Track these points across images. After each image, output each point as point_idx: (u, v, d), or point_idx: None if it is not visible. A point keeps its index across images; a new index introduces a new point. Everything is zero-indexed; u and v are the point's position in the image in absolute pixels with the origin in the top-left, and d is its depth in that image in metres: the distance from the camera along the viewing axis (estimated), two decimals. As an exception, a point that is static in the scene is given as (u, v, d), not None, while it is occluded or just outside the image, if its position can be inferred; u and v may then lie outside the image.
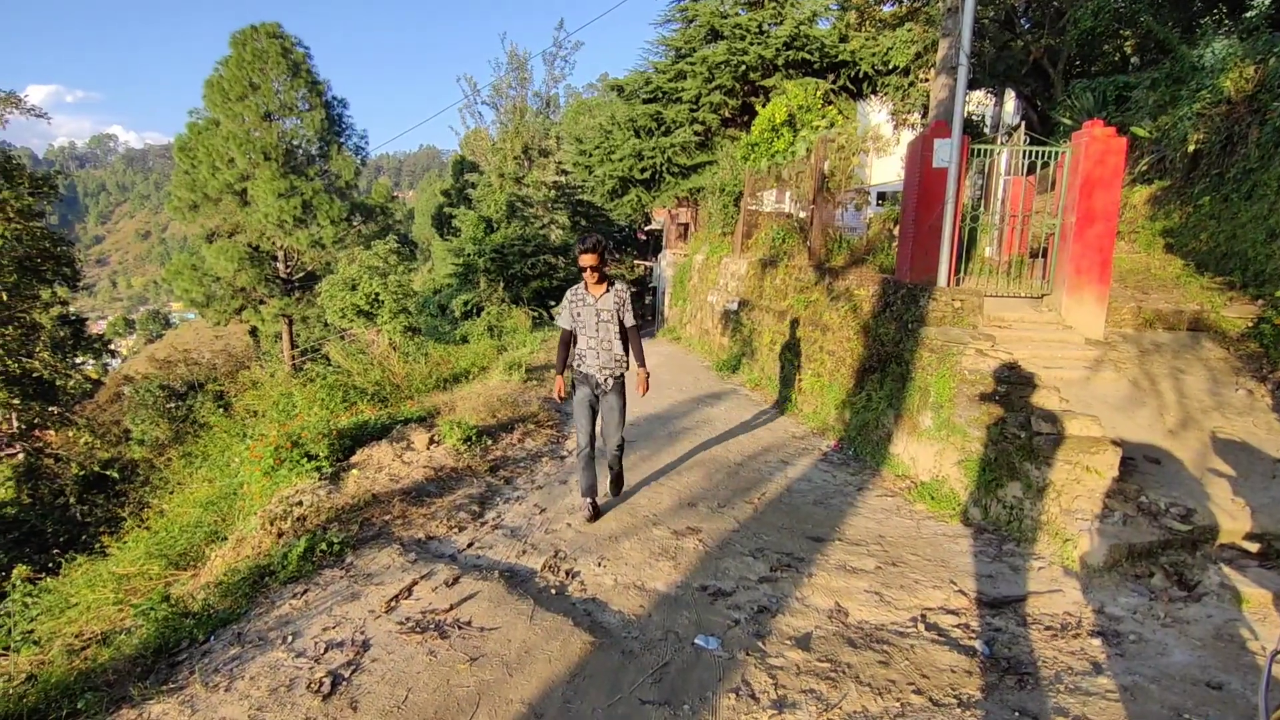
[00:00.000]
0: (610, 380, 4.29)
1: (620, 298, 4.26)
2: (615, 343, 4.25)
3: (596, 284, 4.25)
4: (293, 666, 2.83)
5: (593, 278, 4.21)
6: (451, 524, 4.39)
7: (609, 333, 4.23)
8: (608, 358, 4.25)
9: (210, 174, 28.46)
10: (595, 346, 4.25)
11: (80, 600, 5.42)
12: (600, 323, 4.23)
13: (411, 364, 10.51)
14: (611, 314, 4.22)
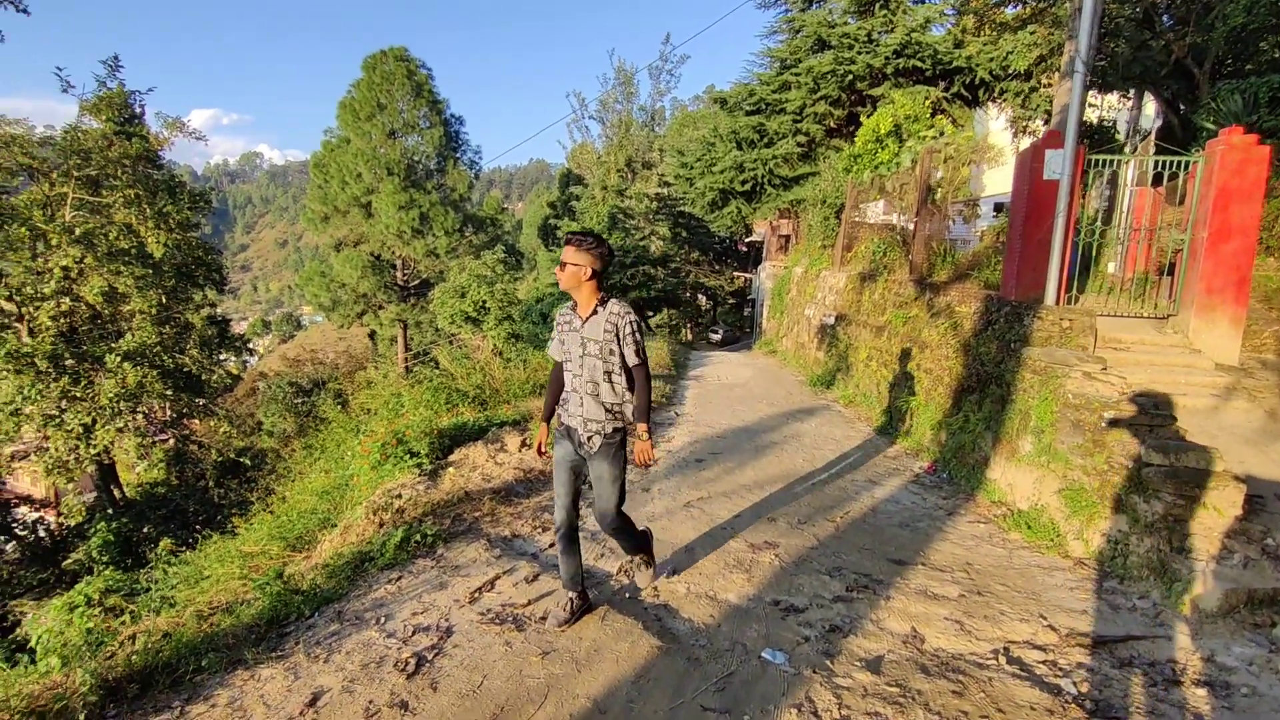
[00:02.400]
0: (598, 440, 3.07)
1: (616, 323, 3.00)
2: (604, 387, 3.04)
3: (586, 300, 3.04)
4: (383, 645, 3.07)
5: (582, 290, 3.02)
6: (536, 524, 4.58)
7: (595, 372, 3.03)
8: (593, 407, 3.05)
9: (340, 188, 30.83)
10: (578, 389, 3.08)
11: (211, 573, 6.02)
12: (585, 356, 3.04)
13: (511, 369, 10.95)
14: (601, 346, 3.01)
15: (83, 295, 11.49)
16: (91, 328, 12.75)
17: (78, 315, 12.19)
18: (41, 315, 11.07)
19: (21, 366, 9.94)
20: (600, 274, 3.03)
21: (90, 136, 13.11)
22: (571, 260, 2.96)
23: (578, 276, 2.98)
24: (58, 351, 10.65)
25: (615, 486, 3.17)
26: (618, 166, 35.49)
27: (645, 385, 3.11)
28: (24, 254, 11.55)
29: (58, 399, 10.07)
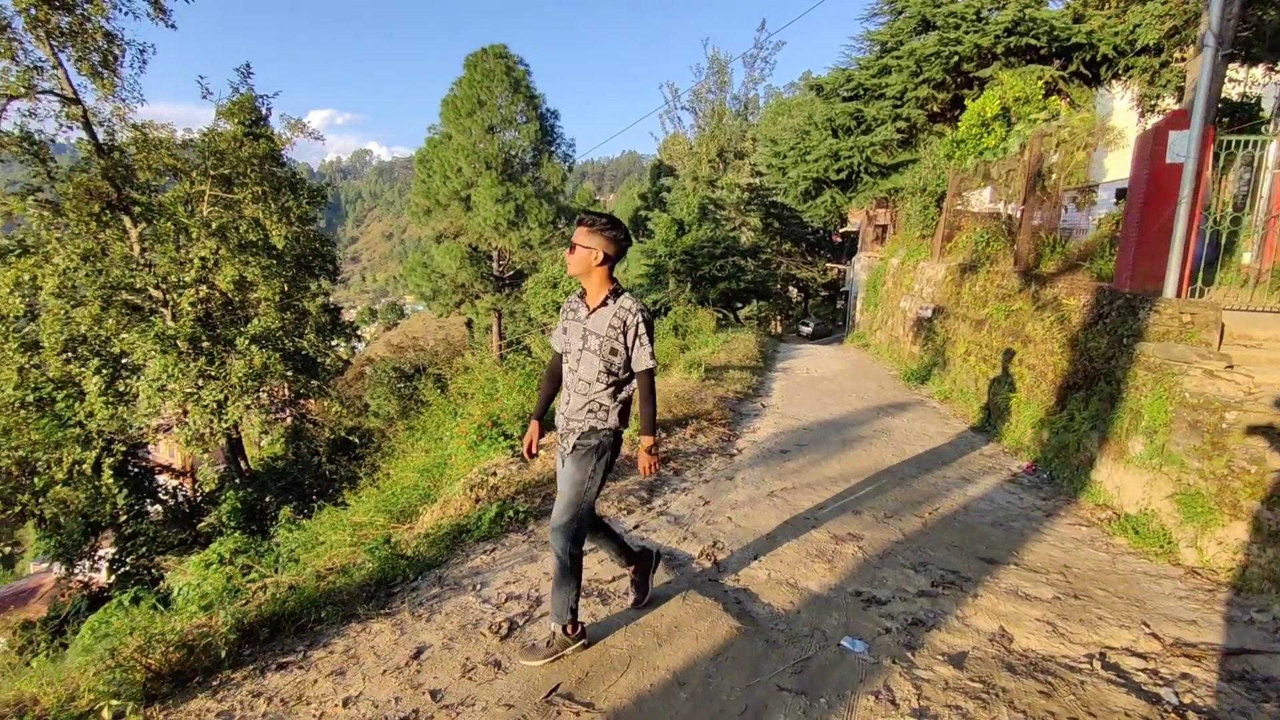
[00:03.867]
0: (572, 439, 2.81)
1: (624, 319, 2.70)
2: (596, 387, 2.73)
3: (596, 289, 2.77)
4: (479, 609, 3.29)
5: (592, 277, 2.74)
6: (621, 506, 4.73)
7: (591, 369, 2.73)
8: (579, 404, 2.77)
9: (441, 183, 32.22)
10: (570, 384, 2.81)
11: (326, 539, 6.55)
12: (584, 350, 2.75)
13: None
14: (602, 342, 2.71)
15: (217, 283, 12.66)
16: (224, 313, 14.02)
17: (212, 302, 13.44)
18: (183, 301, 12.29)
19: (166, 347, 11.10)
20: (613, 260, 2.75)
21: (224, 138, 14.35)
22: (582, 243, 2.69)
23: (587, 261, 2.70)
24: (196, 334, 11.80)
25: (574, 493, 2.79)
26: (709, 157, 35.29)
27: (651, 393, 2.81)
28: (169, 246, 12.83)
29: (195, 378, 11.18)
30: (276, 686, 2.76)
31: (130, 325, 11.59)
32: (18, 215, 12.02)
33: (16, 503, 11.45)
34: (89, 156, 12.35)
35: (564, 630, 2.87)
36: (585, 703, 2.54)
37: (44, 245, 11.53)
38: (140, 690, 2.71)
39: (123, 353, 11.66)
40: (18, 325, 11.40)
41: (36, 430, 11.68)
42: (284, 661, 2.93)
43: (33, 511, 12.05)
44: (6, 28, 10.81)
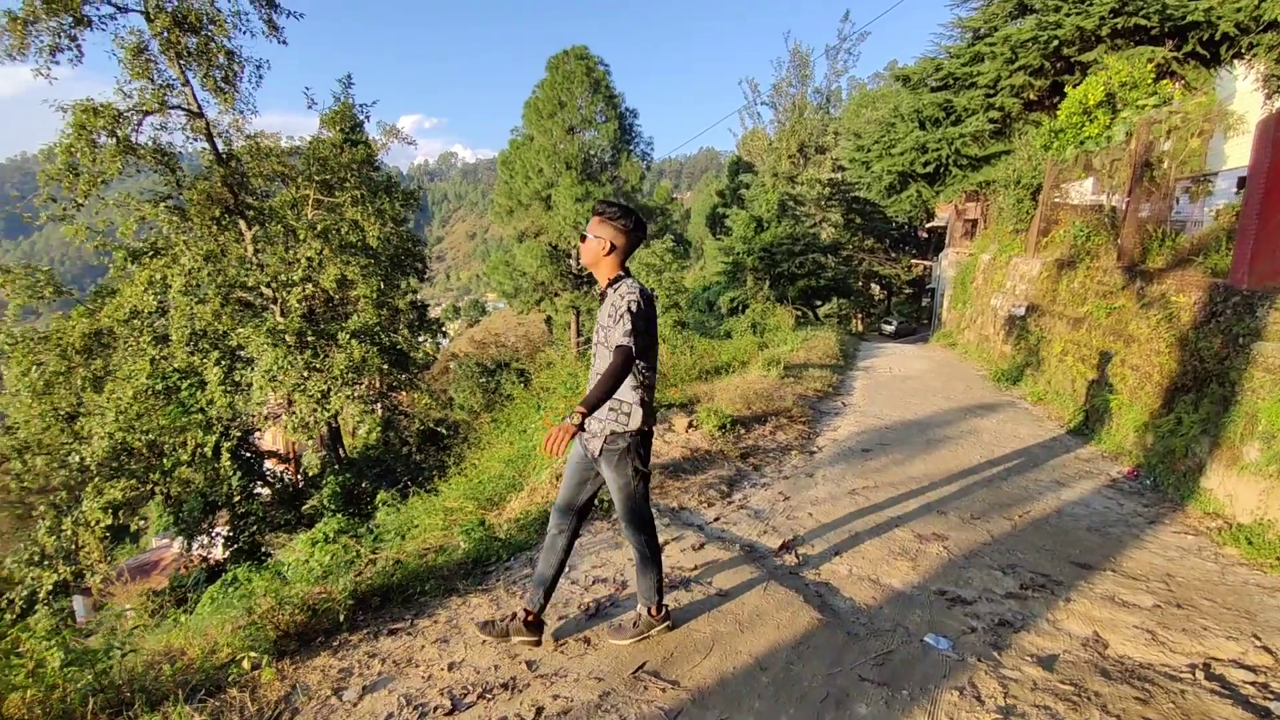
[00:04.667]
0: (597, 443, 2.70)
1: (617, 305, 2.57)
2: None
3: (603, 279, 2.71)
4: (568, 589, 3.47)
5: (600, 267, 2.68)
6: (702, 499, 4.83)
7: (601, 363, 2.69)
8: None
9: (523, 183, 33.09)
10: (592, 377, 2.74)
11: (420, 522, 6.94)
12: (598, 345, 2.73)
13: (677, 355, 11.32)
14: (607, 332, 2.63)
15: (321, 282, 13.54)
16: (326, 310, 14.97)
17: (316, 299, 14.37)
18: (291, 299, 13.22)
19: (276, 341, 11.98)
20: (624, 250, 2.66)
21: (325, 145, 15.30)
22: (593, 232, 2.64)
23: (596, 252, 2.64)
24: (302, 329, 12.68)
25: (622, 496, 2.76)
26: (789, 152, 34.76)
27: (612, 373, 2.42)
28: (279, 247, 13.83)
29: (302, 369, 12.02)
30: (389, 649, 3.02)
31: (245, 321, 12.60)
32: (150, 220, 13.27)
33: (149, 480, 12.63)
34: (210, 165, 13.48)
35: (649, 612, 2.98)
36: (671, 680, 2.67)
37: (173, 247, 12.72)
38: (272, 646, 3.03)
39: (238, 346, 12.67)
40: (150, 320, 12.59)
41: (164, 416, 12.83)
42: (394, 628, 3.19)
43: (162, 490, 13.24)
44: (145, 50, 11.98)
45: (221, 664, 3.01)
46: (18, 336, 12.52)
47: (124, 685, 2.78)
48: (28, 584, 11.52)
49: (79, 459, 11.76)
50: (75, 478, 12.21)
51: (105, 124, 11.68)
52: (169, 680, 2.86)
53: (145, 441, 12.75)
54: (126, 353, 12.73)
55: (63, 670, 2.79)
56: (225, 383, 12.07)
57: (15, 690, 2.63)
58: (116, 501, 12.00)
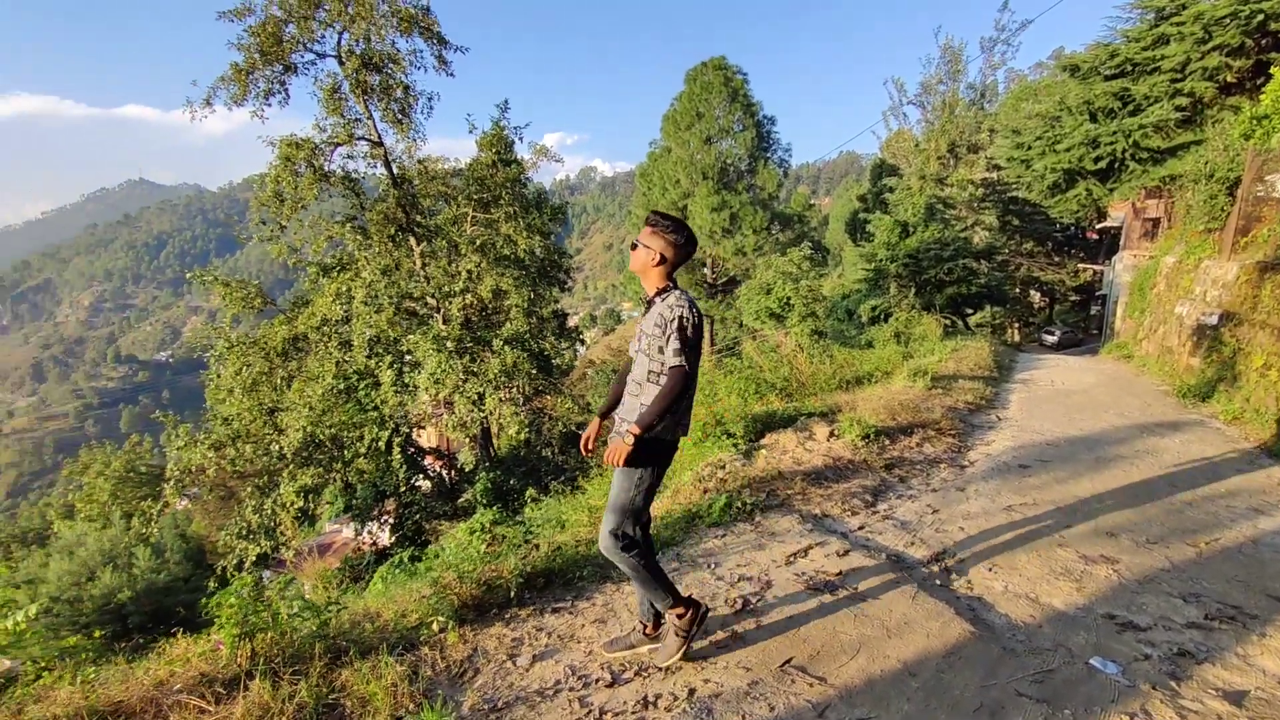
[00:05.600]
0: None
1: (666, 317, 2.62)
2: (647, 388, 2.67)
3: (650, 289, 2.76)
4: (714, 584, 3.64)
5: (648, 276, 2.74)
6: (845, 508, 4.83)
7: (640, 369, 2.72)
8: (630, 407, 2.74)
9: (660, 194, 33.78)
10: (627, 387, 2.81)
11: (567, 518, 7.39)
12: (638, 352, 2.76)
13: (816, 364, 11.18)
14: (649, 341, 2.67)
15: (479, 292, 14.69)
16: (481, 318, 16.19)
17: (473, 308, 15.58)
18: (452, 308, 14.46)
19: (439, 347, 13.15)
20: (672, 263, 2.69)
21: (483, 166, 16.56)
22: (644, 241, 2.70)
23: (645, 261, 2.70)
24: (461, 336, 13.82)
25: (617, 499, 2.75)
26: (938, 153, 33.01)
27: (669, 391, 2.53)
28: (442, 261, 15.17)
29: (461, 373, 13.09)
30: (553, 625, 3.34)
31: (413, 328, 13.93)
32: (337, 238, 15.07)
33: (332, 469, 14.26)
34: (387, 189, 15.08)
35: (642, 629, 3.02)
36: (818, 676, 2.76)
37: (356, 262, 14.38)
38: (454, 613, 3.44)
39: (407, 351, 14.02)
40: (336, 327, 14.26)
41: (344, 413, 14.43)
42: (557, 607, 3.51)
43: (340, 478, 14.88)
44: (338, 89, 13.69)
45: (412, 626, 3.45)
46: (233, 341, 14.63)
47: (338, 636, 3.29)
48: (237, 554, 13.37)
49: (278, 448, 13.51)
50: (274, 464, 14.02)
51: (305, 156, 13.47)
52: (372, 635, 3.34)
53: (329, 435, 14.39)
54: (317, 356, 14.50)
55: (291, 620, 3.34)
56: (396, 384, 13.41)
57: (261, 631, 3.19)
58: (307, 487, 13.65)
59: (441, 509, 15.25)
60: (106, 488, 27.86)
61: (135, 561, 16.34)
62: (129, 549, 16.90)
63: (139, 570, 16.08)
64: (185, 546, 18.85)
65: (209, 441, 13.44)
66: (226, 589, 3.42)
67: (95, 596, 15.00)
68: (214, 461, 13.32)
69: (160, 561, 16.91)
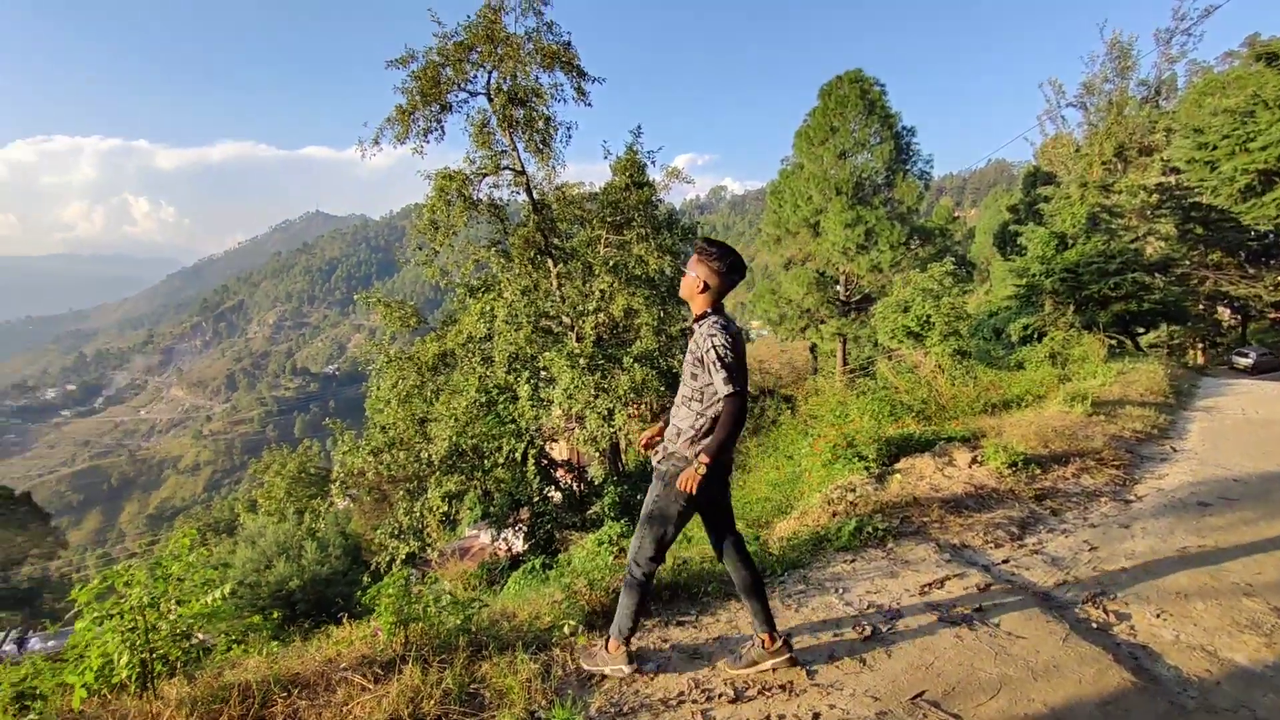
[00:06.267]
0: (658, 458, 2.95)
1: (699, 343, 2.76)
2: (682, 411, 2.86)
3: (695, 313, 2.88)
4: (841, 610, 3.56)
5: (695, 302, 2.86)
6: (988, 539, 4.54)
7: (681, 392, 2.91)
8: (670, 427, 2.94)
9: (792, 211, 33.30)
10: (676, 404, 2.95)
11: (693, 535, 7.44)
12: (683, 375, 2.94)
13: (958, 386, 10.57)
14: (689, 364, 2.84)
15: (611, 311, 15.18)
16: (612, 336, 16.69)
17: (605, 327, 16.11)
18: (585, 326, 15.03)
19: (573, 364, 13.71)
20: (717, 290, 2.80)
21: (616, 189, 17.15)
22: (691, 269, 2.83)
23: (690, 287, 2.83)
24: (594, 354, 14.32)
25: (644, 512, 2.93)
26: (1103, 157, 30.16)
27: (728, 421, 2.64)
28: (577, 281, 15.84)
29: (592, 389, 13.56)
30: (677, 638, 3.40)
31: (549, 345, 14.63)
32: (483, 261, 16.20)
33: (473, 477, 15.21)
34: (528, 214, 16.01)
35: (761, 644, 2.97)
36: (953, 713, 2.64)
37: (499, 284, 15.37)
38: (584, 618, 3.60)
39: (543, 367, 14.73)
40: (480, 344, 15.27)
41: (485, 425, 15.36)
42: (681, 620, 3.58)
43: (480, 486, 15.81)
44: (486, 124, 14.81)
45: (545, 628, 3.65)
46: (390, 356, 16.04)
47: (479, 631, 3.54)
48: (389, 551, 14.55)
49: (427, 455, 14.60)
50: (423, 470, 15.16)
51: (456, 186, 14.64)
52: (509, 633, 3.56)
53: (471, 445, 15.36)
54: (462, 371, 15.57)
55: (439, 613, 3.64)
56: (533, 398, 14.10)
57: (414, 621, 3.50)
58: (451, 492, 14.63)
59: (571, 520, 15.77)
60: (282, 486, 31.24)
61: (304, 553, 18.18)
62: (299, 542, 18.84)
63: (306, 562, 17.87)
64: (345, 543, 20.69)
65: (368, 447, 14.77)
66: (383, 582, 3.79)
67: (271, 583, 16.84)
68: (372, 466, 14.60)
69: (324, 555, 18.68)
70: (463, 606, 3.67)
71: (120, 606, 3.28)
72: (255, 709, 2.93)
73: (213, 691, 3.01)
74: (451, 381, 15.86)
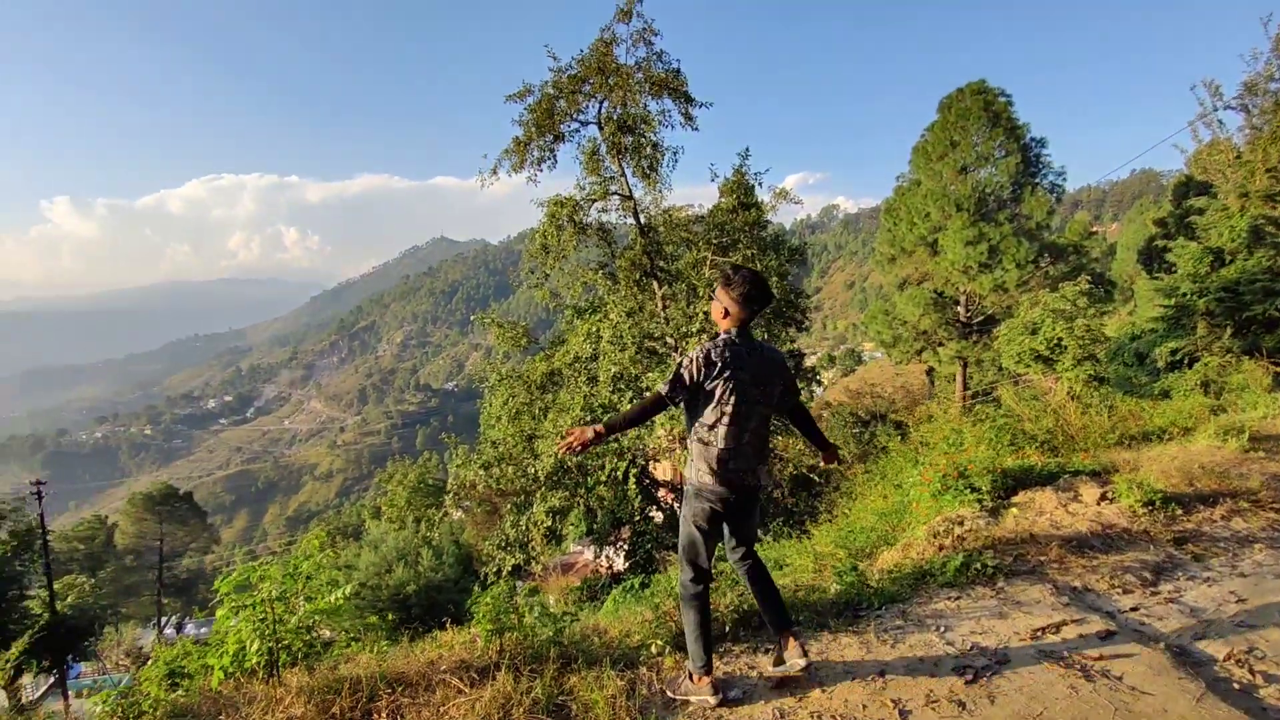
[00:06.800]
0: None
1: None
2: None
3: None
4: (942, 649, 3.38)
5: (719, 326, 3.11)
6: (1114, 583, 4.16)
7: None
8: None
9: (907, 229, 32.04)
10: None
11: (790, 562, 7.27)
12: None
13: (1090, 415, 9.75)
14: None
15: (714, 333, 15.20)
16: (715, 357, 16.66)
17: (707, 348, 16.11)
18: (689, 348, 15.11)
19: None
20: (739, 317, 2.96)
21: (723, 211, 17.20)
22: (716, 296, 3.03)
23: (716, 313, 3.06)
24: (695, 374, 14.36)
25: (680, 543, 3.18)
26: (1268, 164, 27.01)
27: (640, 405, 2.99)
28: (681, 303, 15.96)
29: (694, 409, 13.58)
30: (764, 665, 3.35)
31: (652, 366, 14.82)
32: (590, 284, 16.70)
33: (576, 494, 15.57)
34: (635, 238, 16.36)
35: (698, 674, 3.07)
36: (1061, 768, 2.44)
37: (605, 305, 15.77)
38: (671, 638, 3.62)
39: (647, 387, 14.93)
40: (586, 364, 15.70)
41: (589, 442, 15.73)
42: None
43: (583, 503, 16.15)
44: (596, 152, 15.37)
45: (634, 646, 3.70)
46: (502, 374, 16.79)
47: (569, 645, 3.64)
48: (496, 563, 15.11)
49: (534, 471, 15.10)
50: (530, 485, 15.68)
51: (567, 212, 15.22)
52: (599, 648, 3.64)
53: (575, 462, 15.74)
54: (568, 389, 16.04)
55: (535, 624, 3.77)
56: (635, 418, 14.34)
57: (509, 630, 3.65)
58: (555, 508, 15.05)
59: (671, 540, 15.77)
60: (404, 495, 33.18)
61: (420, 560, 19.22)
62: (416, 549, 19.94)
63: (422, 568, 18.87)
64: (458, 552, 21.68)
65: (480, 461, 15.48)
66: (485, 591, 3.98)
67: (389, 586, 17.90)
68: (483, 479, 15.28)
69: (438, 562, 19.66)
70: (555, 619, 3.79)
71: (253, 598, 3.64)
72: (363, 702, 3.16)
73: (328, 683, 3.27)
74: (559, 400, 16.36)
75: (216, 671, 3.59)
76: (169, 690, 3.74)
